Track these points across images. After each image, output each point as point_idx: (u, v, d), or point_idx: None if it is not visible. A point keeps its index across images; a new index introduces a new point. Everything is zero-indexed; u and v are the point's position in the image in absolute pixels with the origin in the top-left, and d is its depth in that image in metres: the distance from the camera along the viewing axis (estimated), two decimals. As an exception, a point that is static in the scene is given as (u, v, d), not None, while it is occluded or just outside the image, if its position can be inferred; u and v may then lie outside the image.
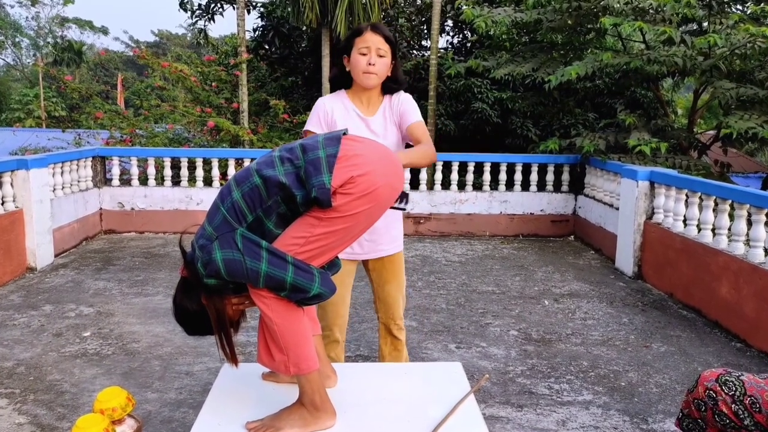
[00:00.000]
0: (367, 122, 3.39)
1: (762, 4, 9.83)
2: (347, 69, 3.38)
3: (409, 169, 3.28)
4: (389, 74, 3.38)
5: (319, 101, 3.45)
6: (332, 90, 3.53)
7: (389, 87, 3.43)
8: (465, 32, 15.89)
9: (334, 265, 2.56)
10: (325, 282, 2.36)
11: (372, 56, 3.27)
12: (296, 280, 2.27)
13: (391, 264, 3.65)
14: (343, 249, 2.44)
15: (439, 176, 10.07)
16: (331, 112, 3.38)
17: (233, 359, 2.51)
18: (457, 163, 10.15)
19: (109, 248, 8.75)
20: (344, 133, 2.41)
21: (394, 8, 15.07)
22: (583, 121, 12.93)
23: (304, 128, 3.45)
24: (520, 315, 6.23)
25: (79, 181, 9.16)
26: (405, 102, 3.46)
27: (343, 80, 3.45)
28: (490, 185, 10.17)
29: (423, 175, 10.76)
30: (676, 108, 16.85)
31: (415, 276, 7.46)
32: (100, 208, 9.63)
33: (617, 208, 8.33)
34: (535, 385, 4.66)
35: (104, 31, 53.90)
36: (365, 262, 3.67)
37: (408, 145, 3.44)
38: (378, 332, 3.88)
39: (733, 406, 2.76)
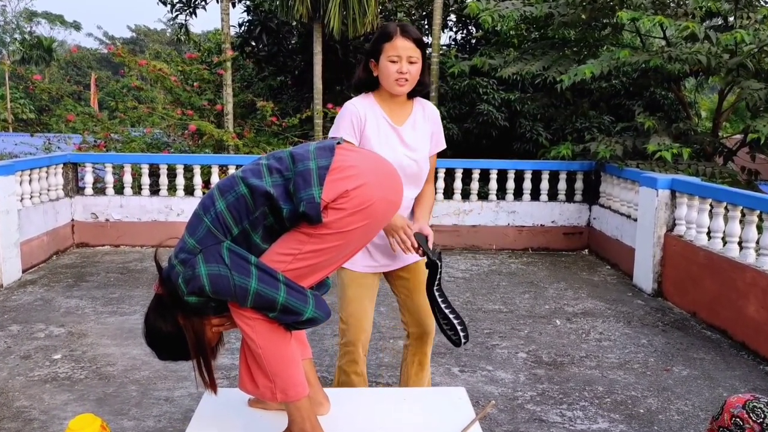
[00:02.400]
0: (398, 132, 3.40)
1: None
2: (375, 74, 3.38)
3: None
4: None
5: (350, 105, 3.42)
6: (355, 94, 3.54)
7: (414, 90, 3.43)
8: (469, 28, 15.94)
9: (323, 285, 2.54)
10: (320, 305, 2.34)
11: (403, 64, 3.28)
12: (289, 300, 2.25)
13: (417, 272, 3.67)
14: (334, 269, 2.43)
15: (441, 184, 10.10)
16: (364, 119, 3.37)
17: (212, 386, 2.50)
18: (461, 170, 10.17)
19: (82, 263, 8.75)
20: (338, 143, 2.40)
21: (392, 1, 15.13)
22: (598, 125, 12.97)
23: (331, 134, 3.41)
24: (529, 336, 6.24)
25: (48, 190, 9.17)
26: (437, 121, 3.55)
27: (368, 84, 3.45)
28: (496, 194, 10.20)
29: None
30: (700, 110, 16.90)
31: (415, 293, 7.45)
32: (72, 220, 9.64)
33: (635, 220, 8.35)
34: (546, 412, 4.66)
35: (76, 26, 54.12)
36: (387, 274, 3.69)
37: None
38: (402, 352, 3.90)
39: (760, 434, 2.77)
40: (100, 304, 6.96)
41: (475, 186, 10.14)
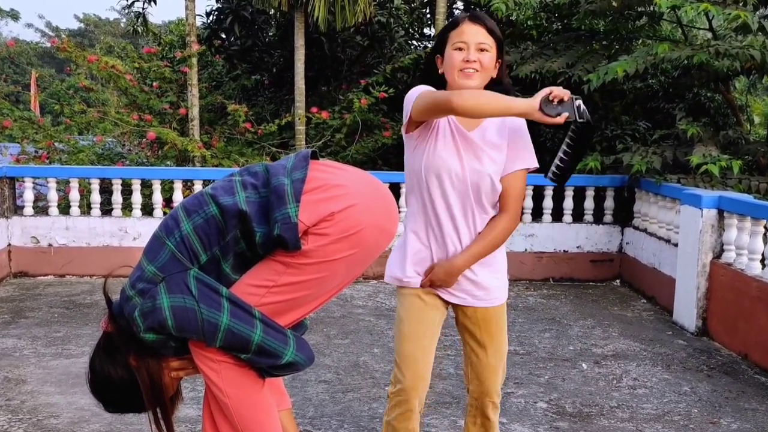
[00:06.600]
0: (467, 137, 3.34)
1: None
2: (440, 71, 3.39)
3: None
4: (493, 75, 3.38)
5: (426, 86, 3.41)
6: None
7: (491, 90, 3.37)
8: (480, 17, 16.00)
9: (299, 325, 2.49)
10: (302, 347, 2.32)
11: (471, 52, 3.26)
12: (265, 340, 2.23)
13: (486, 322, 3.68)
14: (316, 307, 2.38)
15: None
16: None
17: None
18: (470, 186, 10.15)
19: (20, 296, 8.76)
20: (313, 154, 2.38)
21: (388, -14, 15.20)
22: (632, 132, 12.97)
23: (420, 90, 3.31)
24: (550, 382, 6.26)
25: (-20, 210, 9.19)
26: (519, 132, 3.45)
27: (432, 85, 3.41)
28: (512, 214, 10.20)
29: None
30: (752, 115, 16.95)
31: (415, 332, 7.46)
32: (9, 244, 9.65)
33: (676, 245, 8.38)
34: (570, 472, 4.69)
35: (14, 15, 54.12)
36: (454, 308, 3.66)
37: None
38: (465, 408, 3.88)
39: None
40: (42, 345, 6.96)
41: (486, 204, 10.13)
